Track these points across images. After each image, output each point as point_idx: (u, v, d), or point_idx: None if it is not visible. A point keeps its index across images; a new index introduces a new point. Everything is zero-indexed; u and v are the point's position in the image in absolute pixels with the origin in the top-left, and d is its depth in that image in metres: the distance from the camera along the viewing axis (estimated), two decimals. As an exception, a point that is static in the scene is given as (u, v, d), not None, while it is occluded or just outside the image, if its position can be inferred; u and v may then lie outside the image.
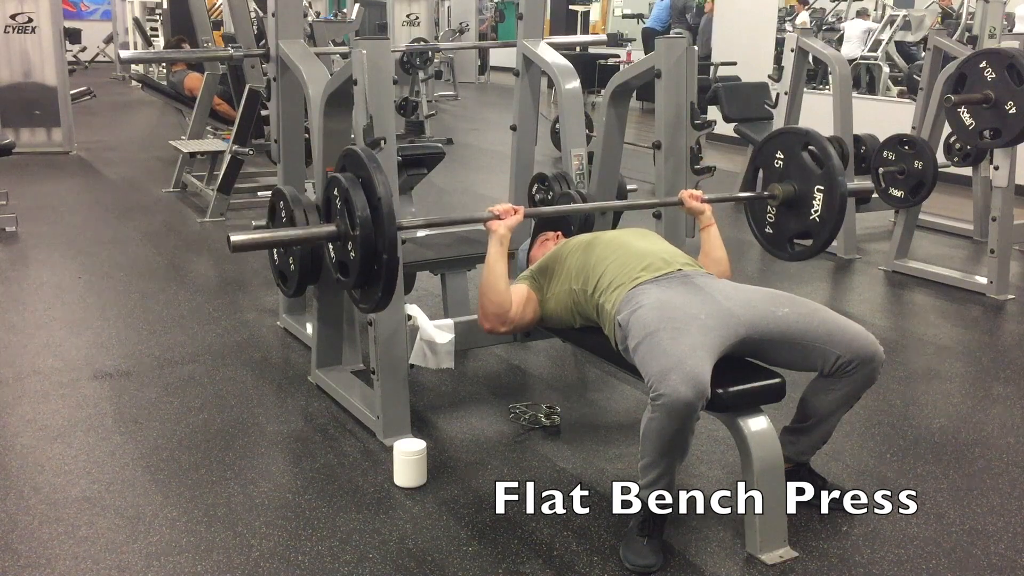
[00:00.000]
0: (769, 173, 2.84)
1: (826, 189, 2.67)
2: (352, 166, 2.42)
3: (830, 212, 2.67)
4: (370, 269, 2.36)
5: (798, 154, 2.74)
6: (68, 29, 8.74)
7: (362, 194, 2.34)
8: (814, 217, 2.71)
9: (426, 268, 3.69)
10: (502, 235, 2.55)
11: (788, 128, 3.02)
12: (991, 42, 4.92)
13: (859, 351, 2.30)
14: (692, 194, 2.77)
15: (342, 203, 2.39)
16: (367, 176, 2.33)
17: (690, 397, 2.05)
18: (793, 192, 2.76)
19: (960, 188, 6.42)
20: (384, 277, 2.34)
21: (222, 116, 6.96)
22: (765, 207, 2.87)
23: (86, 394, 3.17)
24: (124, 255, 4.90)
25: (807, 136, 2.74)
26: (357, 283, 2.42)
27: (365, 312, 2.59)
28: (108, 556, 2.24)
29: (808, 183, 2.72)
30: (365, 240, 2.32)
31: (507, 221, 2.56)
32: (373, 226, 2.32)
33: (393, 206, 2.31)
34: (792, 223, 2.79)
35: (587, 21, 13.76)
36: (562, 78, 3.86)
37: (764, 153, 2.85)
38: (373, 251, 2.33)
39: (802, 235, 2.80)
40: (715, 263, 2.69)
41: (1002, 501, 2.60)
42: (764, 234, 2.90)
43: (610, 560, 2.26)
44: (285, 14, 3.34)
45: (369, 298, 2.44)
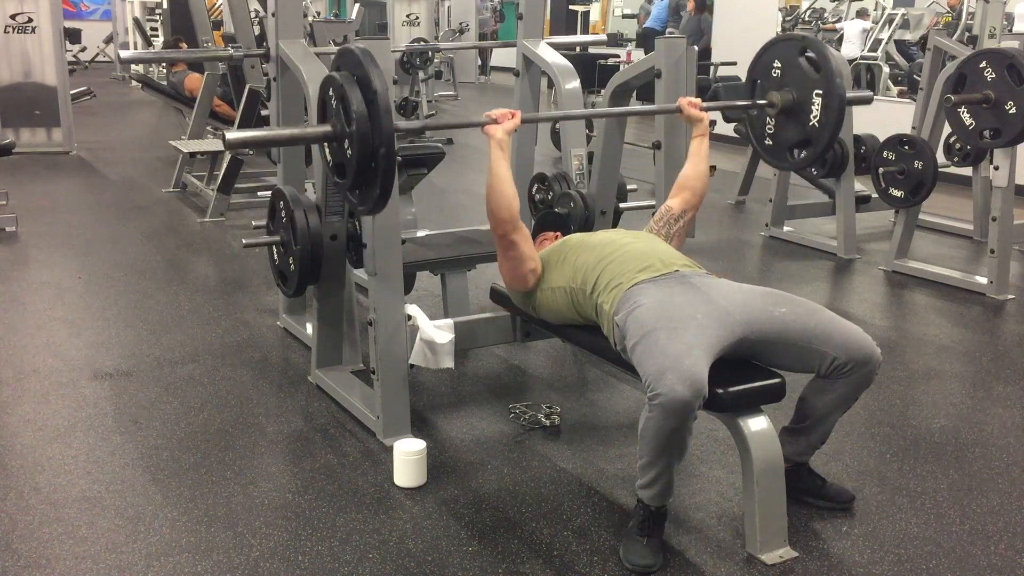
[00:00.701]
0: (766, 83, 2.83)
1: (824, 93, 2.65)
2: (348, 65, 2.37)
3: (829, 116, 2.65)
4: (367, 167, 2.31)
5: (795, 61, 2.72)
6: (68, 29, 8.75)
7: (358, 91, 2.28)
8: (813, 123, 2.69)
9: (426, 268, 3.69)
10: (500, 139, 2.55)
11: (784, 35, 3.01)
12: (991, 42, 4.92)
13: (856, 352, 2.30)
14: (690, 101, 2.80)
15: (337, 101, 2.35)
16: (363, 73, 2.29)
17: (687, 396, 2.05)
18: (791, 100, 2.75)
19: (960, 188, 6.42)
20: (381, 175, 2.29)
21: (222, 116, 6.96)
22: (764, 118, 2.85)
23: (86, 394, 3.17)
24: (124, 255, 4.91)
25: (804, 41, 2.72)
26: (354, 183, 2.37)
27: (363, 214, 2.54)
28: (108, 556, 2.24)
29: (806, 89, 2.70)
30: (361, 136, 2.27)
31: (505, 125, 2.56)
32: (369, 121, 2.27)
33: (389, 102, 2.26)
34: (791, 131, 2.78)
35: (587, 21, 13.78)
36: (562, 78, 3.86)
37: (761, 62, 2.83)
38: (370, 149, 2.27)
39: (802, 143, 2.79)
40: (695, 171, 2.78)
41: (1002, 501, 2.60)
42: (764, 146, 2.89)
43: (610, 560, 2.26)
44: (285, 14, 3.34)
45: (367, 198, 2.39)
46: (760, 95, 2.85)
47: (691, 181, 2.79)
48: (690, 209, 2.79)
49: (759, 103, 2.82)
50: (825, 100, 2.64)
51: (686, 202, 2.78)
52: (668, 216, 2.77)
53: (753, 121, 2.90)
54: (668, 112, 2.93)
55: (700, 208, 2.87)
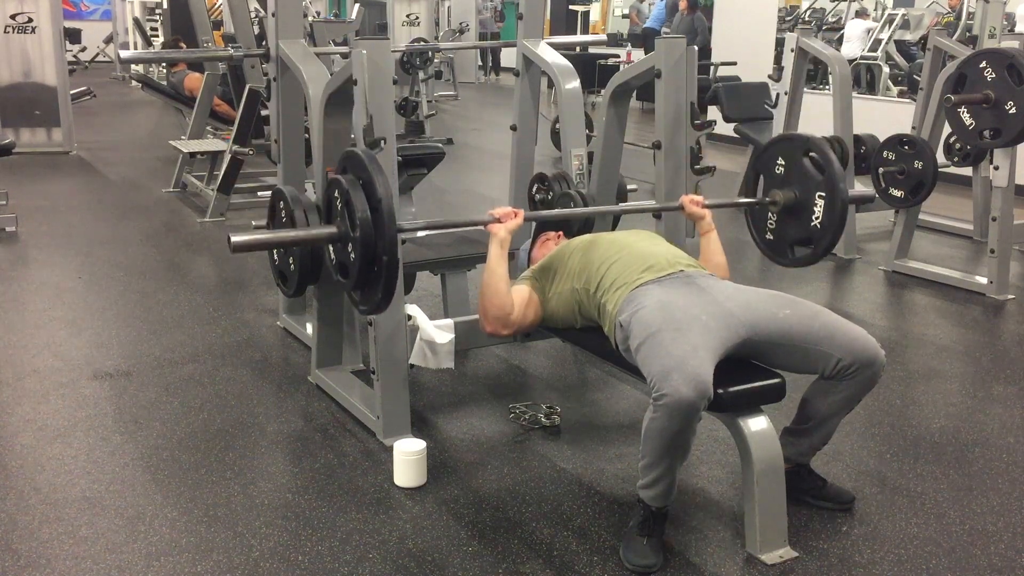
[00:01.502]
0: (770, 179, 2.84)
1: (827, 196, 2.66)
2: (352, 168, 2.42)
3: (831, 219, 2.66)
4: (370, 271, 2.36)
5: (799, 160, 2.74)
6: (68, 29, 8.75)
7: (362, 196, 2.34)
8: (815, 224, 2.70)
9: (426, 268, 3.69)
10: (502, 238, 2.55)
11: (789, 134, 3.02)
12: (991, 42, 4.92)
13: (860, 354, 2.30)
14: (692, 199, 2.77)
15: (342, 205, 2.39)
16: (367, 178, 2.33)
17: (692, 397, 2.05)
18: (794, 198, 2.75)
19: (960, 188, 6.42)
20: (384, 279, 2.34)
21: (222, 116, 6.96)
22: (766, 213, 2.86)
23: (86, 394, 3.17)
24: (124, 255, 4.91)
25: (808, 143, 2.74)
26: (357, 284, 2.42)
27: (365, 314, 2.59)
28: (108, 556, 2.24)
29: (809, 189, 2.71)
30: (365, 242, 2.32)
31: (507, 224, 2.56)
32: (373, 228, 2.31)
33: (393, 208, 2.31)
34: (793, 229, 2.79)
35: (587, 21, 13.78)
36: (562, 78, 3.86)
37: (765, 158, 2.85)
38: (373, 253, 2.33)
39: (803, 241, 2.79)
40: (714, 268, 2.69)
41: (1002, 501, 2.60)
42: (765, 240, 2.90)
43: (610, 560, 2.26)
44: (285, 14, 3.34)
45: (369, 300, 2.44)
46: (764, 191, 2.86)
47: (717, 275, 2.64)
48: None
49: (763, 200, 2.83)
50: (828, 203, 2.66)
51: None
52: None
53: (755, 216, 2.91)
54: (670, 210, 2.93)
55: None
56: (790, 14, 10.93)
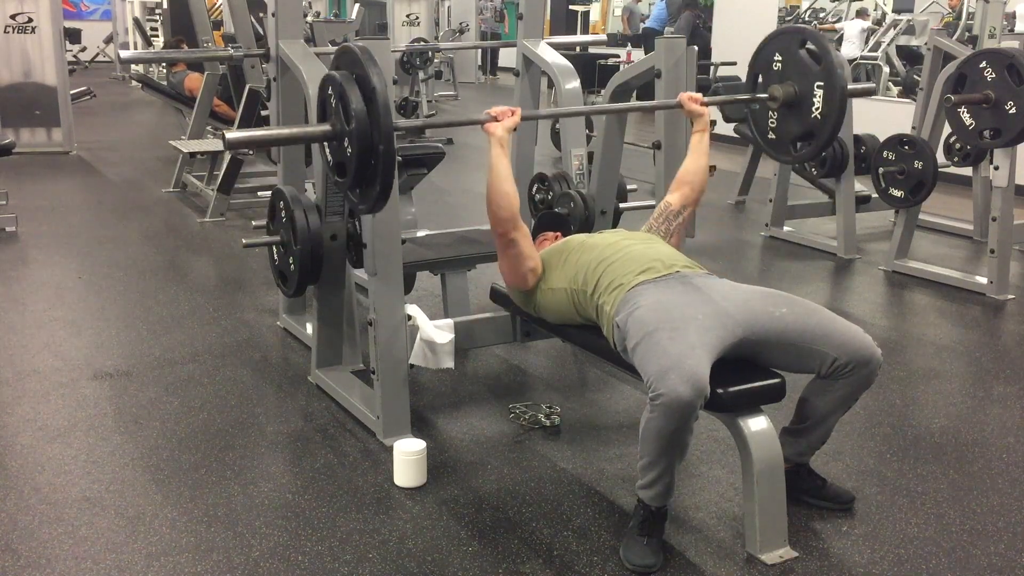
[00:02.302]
0: (768, 77, 2.82)
1: (825, 84, 2.65)
2: (347, 64, 2.37)
3: (831, 108, 2.65)
4: (367, 165, 2.31)
5: (796, 53, 2.72)
6: (68, 29, 8.76)
7: (357, 89, 2.29)
8: (815, 115, 2.69)
9: (426, 268, 3.69)
10: (500, 136, 2.56)
11: (784, 28, 3.01)
12: (991, 42, 4.92)
13: (856, 353, 2.30)
14: (691, 96, 2.80)
15: (337, 100, 2.35)
16: (362, 72, 2.28)
17: (689, 396, 2.05)
18: (793, 92, 2.74)
19: (960, 188, 6.42)
20: (381, 173, 2.29)
21: (222, 116, 6.96)
22: (766, 113, 2.85)
23: (86, 394, 3.17)
24: (124, 255, 4.91)
25: (803, 33, 2.73)
26: (354, 182, 2.37)
27: (363, 213, 2.54)
28: (108, 556, 2.24)
29: (807, 81, 2.70)
30: (361, 135, 2.27)
31: (505, 122, 2.56)
32: (368, 119, 2.27)
33: (389, 99, 2.26)
34: (794, 124, 2.78)
35: (587, 21, 13.79)
36: (562, 78, 3.86)
37: (762, 56, 2.82)
38: (370, 146, 2.27)
39: (804, 137, 2.79)
40: (696, 169, 2.77)
41: (1002, 501, 2.60)
42: (767, 140, 2.89)
43: (610, 560, 2.26)
44: (285, 14, 3.34)
45: (367, 197, 2.39)
46: (761, 89, 2.85)
47: (690, 176, 2.79)
48: (689, 204, 2.79)
49: (760, 96, 2.82)
50: (826, 92, 2.64)
51: (685, 197, 2.78)
52: (667, 212, 2.77)
53: (756, 115, 2.90)
54: (669, 107, 2.93)
55: (700, 207, 2.87)
56: (790, 14, 10.93)
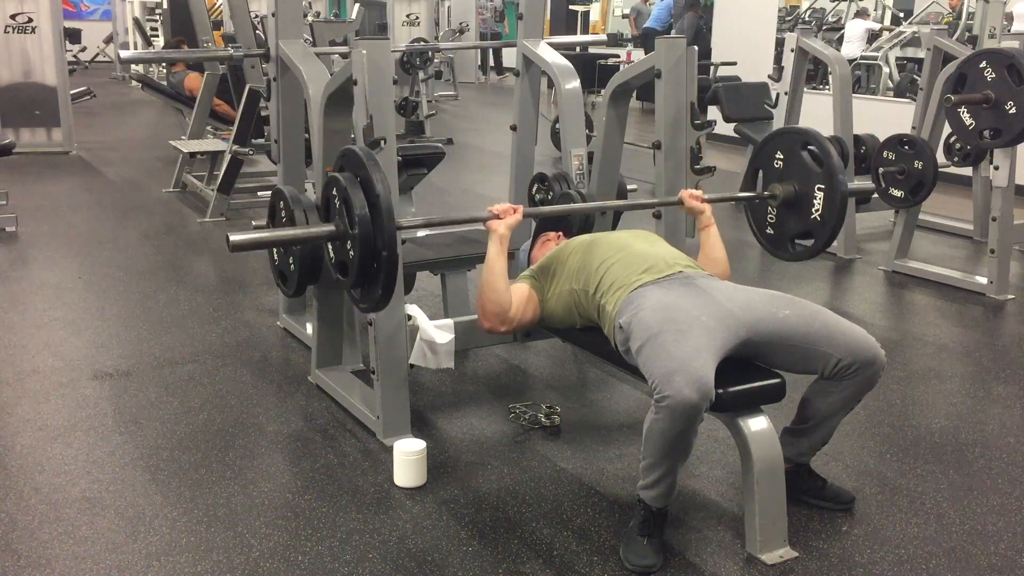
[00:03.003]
0: (769, 173, 2.84)
1: (826, 188, 2.66)
2: (351, 165, 2.42)
3: (831, 211, 2.67)
4: (369, 268, 2.36)
5: (798, 154, 2.74)
6: (68, 29, 8.75)
7: (361, 193, 2.33)
8: (815, 216, 2.70)
9: (426, 268, 3.69)
10: (502, 235, 2.55)
11: (788, 128, 3.02)
12: (991, 42, 4.92)
13: (860, 354, 2.30)
14: (692, 194, 2.77)
15: (341, 203, 2.39)
16: (365, 175, 2.33)
17: (695, 399, 2.05)
18: (793, 192, 2.76)
19: (960, 188, 6.42)
20: (383, 276, 2.33)
21: (222, 116, 6.96)
22: (766, 207, 2.86)
23: (86, 394, 3.17)
24: (124, 255, 4.90)
25: (806, 136, 2.74)
26: (356, 282, 2.42)
27: (365, 312, 2.59)
28: (108, 556, 2.24)
29: (808, 183, 2.71)
30: (364, 239, 2.31)
31: (507, 220, 2.56)
32: (372, 225, 2.31)
33: (392, 204, 2.31)
34: (793, 223, 2.79)
35: (587, 21, 13.78)
36: (562, 78, 3.86)
37: (763, 153, 2.85)
38: (372, 250, 2.32)
39: (803, 235, 2.79)
40: (714, 263, 2.68)
41: (1002, 501, 2.60)
42: (765, 234, 2.90)
43: (610, 560, 2.26)
44: (285, 14, 3.34)
45: (369, 297, 2.44)
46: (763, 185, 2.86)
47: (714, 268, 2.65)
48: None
49: (762, 194, 2.83)
50: (827, 195, 2.65)
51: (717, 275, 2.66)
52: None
53: (755, 210, 2.91)
54: (669, 204, 2.92)
55: None
56: (790, 14, 10.93)
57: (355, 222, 2.32)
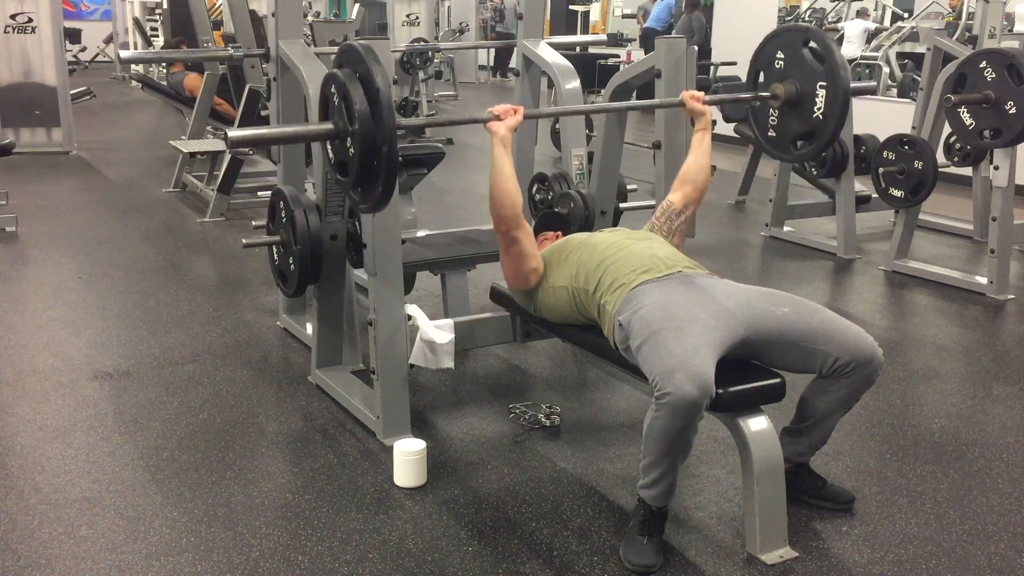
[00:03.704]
0: (769, 75, 2.80)
1: (828, 84, 2.61)
2: (350, 62, 2.35)
3: (833, 108, 2.61)
4: (370, 165, 2.30)
5: (799, 52, 2.68)
6: (68, 29, 8.75)
7: (360, 88, 2.27)
8: (817, 115, 2.66)
9: (426, 268, 3.69)
10: (503, 136, 2.54)
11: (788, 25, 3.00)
12: (991, 42, 4.92)
13: (858, 353, 2.30)
14: (693, 95, 2.78)
15: (340, 99, 2.33)
16: (364, 70, 2.27)
17: (695, 396, 2.06)
18: (795, 91, 2.72)
19: (960, 188, 6.42)
20: (384, 173, 2.28)
21: (222, 116, 6.96)
22: (767, 110, 2.82)
23: (86, 394, 3.17)
24: (124, 255, 4.91)
25: (807, 32, 2.69)
26: (357, 181, 2.36)
27: (365, 212, 2.53)
28: (108, 556, 2.24)
29: (810, 81, 2.67)
30: (364, 135, 2.25)
31: (508, 121, 2.54)
32: (371, 120, 2.25)
33: (391, 100, 2.25)
34: (795, 123, 2.75)
35: (587, 21, 13.78)
36: (562, 78, 3.87)
37: (764, 53, 2.79)
38: (372, 146, 2.26)
39: (805, 136, 2.76)
40: (698, 167, 2.75)
41: (1002, 501, 2.60)
42: (767, 137, 2.86)
43: (610, 560, 2.26)
44: (285, 14, 3.34)
45: (369, 196, 2.38)
46: (763, 87, 2.83)
47: (692, 174, 2.77)
48: (691, 204, 2.77)
49: (762, 95, 2.80)
50: (829, 91, 2.61)
51: (687, 196, 2.77)
52: (669, 211, 2.76)
53: (756, 113, 2.87)
54: (671, 106, 2.92)
55: (701, 207, 2.86)
56: (790, 14, 10.93)
57: (355, 118, 2.26)
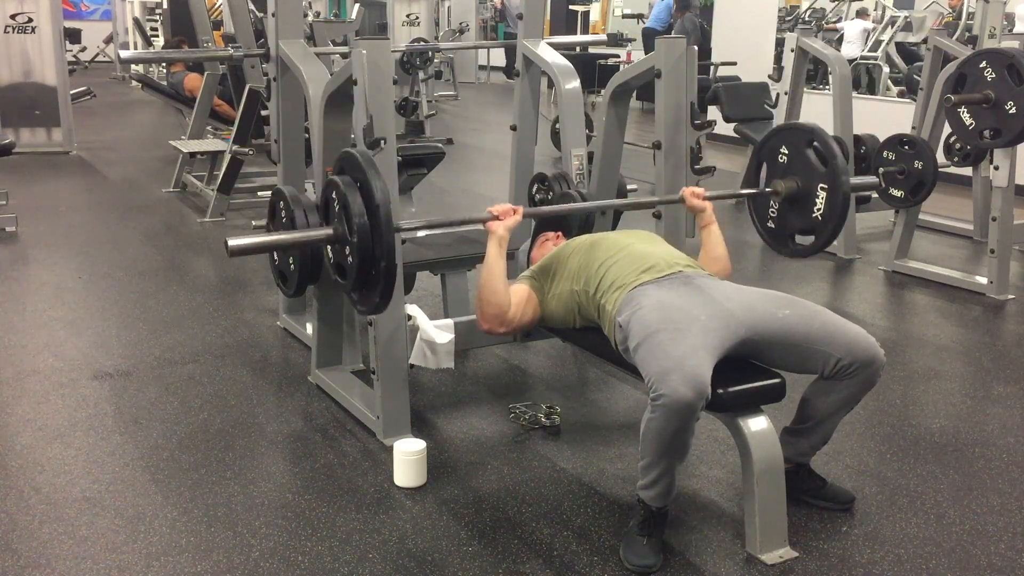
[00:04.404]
0: (772, 168, 2.82)
1: (829, 188, 2.65)
2: (350, 169, 2.40)
3: (833, 211, 2.65)
4: (368, 273, 2.34)
5: (802, 151, 2.72)
6: (68, 29, 8.74)
7: (359, 199, 2.30)
8: (816, 215, 2.69)
9: (426, 268, 3.69)
10: (501, 236, 2.54)
11: (793, 124, 3.01)
12: (991, 42, 4.92)
13: (859, 354, 2.30)
14: (693, 191, 2.76)
15: (340, 207, 2.37)
16: (364, 180, 2.30)
17: (690, 397, 2.05)
18: (796, 189, 2.74)
19: (960, 188, 6.42)
20: (382, 281, 2.31)
21: (222, 116, 6.96)
22: (768, 202, 2.85)
23: (86, 394, 3.17)
24: (124, 255, 4.90)
25: (812, 133, 2.72)
26: (355, 286, 2.40)
27: (363, 314, 2.58)
28: (108, 556, 2.24)
29: (811, 181, 2.70)
30: (362, 246, 2.29)
31: (506, 222, 2.55)
32: (371, 232, 2.28)
33: (391, 212, 2.28)
34: (794, 220, 2.78)
35: (587, 21, 13.77)
36: (562, 78, 3.86)
37: (768, 148, 2.83)
38: (371, 256, 2.30)
39: (804, 232, 2.78)
40: (715, 261, 2.68)
41: (1002, 501, 2.60)
42: (766, 229, 2.89)
43: (610, 560, 2.26)
44: (285, 14, 3.34)
45: (367, 301, 2.42)
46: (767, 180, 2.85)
47: (711, 266, 2.65)
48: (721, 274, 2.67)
49: (764, 191, 2.82)
50: (829, 195, 2.64)
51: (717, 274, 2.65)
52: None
53: (757, 203, 2.90)
54: (671, 203, 2.92)
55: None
56: (790, 14, 10.93)
57: (353, 229, 2.29)
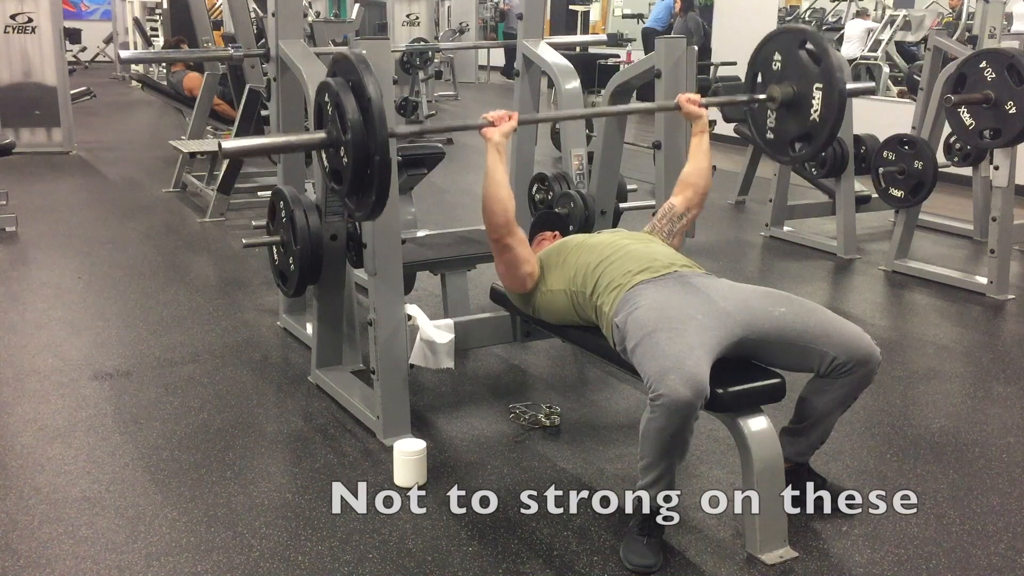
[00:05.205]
0: (767, 75, 2.81)
1: (825, 86, 2.63)
2: (343, 71, 2.36)
3: (829, 110, 2.63)
4: (363, 174, 2.32)
5: (795, 54, 2.70)
6: (68, 29, 8.74)
7: (352, 98, 2.28)
8: (814, 117, 2.67)
9: (426, 268, 3.69)
10: (497, 142, 2.53)
11: (785, 27, 2.99)
12: (991, 42, 4.92)
13: (855, 352, 2.30)
14: (689, 98, 2.77)
15: (333, 108, 2.35)
16: (357, 79, 2.28)
17: (689, 397, 2.05)
18: (792, 93, 2.73)
19: (960, 188, 6.42)
20: (377, 181, 2.29)
21: (222, 116, 6.96)
22: (765, 112, 2.83)
23: (86, 394, 3.17)
24: (124, 255, 4.91)
25: (804, 34, 2.71)
26: (351, 190, 2.38)
27: (360, 220, 2.54)
28: (108, 556, 2.24)
29: (807, 82, 2.68)
30: (357, 144, 2.27)
31: (502, 127, 2.54)
32: (364, 129, 2.27)
33: (384, 109, 2.26)
34: (792, 125, 2.76)
35: (587, 21, 13.77)
36: (562, 78, 3.86)
37: (762, 55, 2.81)
38: (365, 155, 2.28)
39: (803, 137, 2.77)
40: (699, 173, 2.74)
41: (1002, 501, 2.60)
42: (765, 139, 2.87)
43: (610, 560, 2.26)
44: (285, 14, 3.34)
45: (363, 205, 2.39)
46: (761, 88, 2.83)
47: (693, 178, 2.77)
48: (693, 208, 2.77)
49: (759, 97, 2.80)
50: (825, 94, 2.62)
51: (689, 200, 2.76)
52: (671, 214, 2.76)
53: (754, 115, 2.88)
54: (667, 109, 2.92)
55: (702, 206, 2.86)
56: (790, 14, 10.93)
57: (347, 128, 2.27)
